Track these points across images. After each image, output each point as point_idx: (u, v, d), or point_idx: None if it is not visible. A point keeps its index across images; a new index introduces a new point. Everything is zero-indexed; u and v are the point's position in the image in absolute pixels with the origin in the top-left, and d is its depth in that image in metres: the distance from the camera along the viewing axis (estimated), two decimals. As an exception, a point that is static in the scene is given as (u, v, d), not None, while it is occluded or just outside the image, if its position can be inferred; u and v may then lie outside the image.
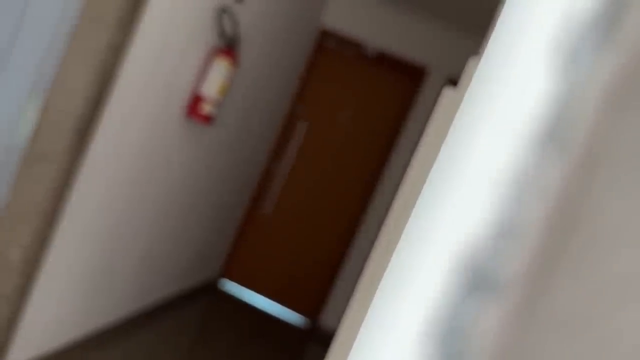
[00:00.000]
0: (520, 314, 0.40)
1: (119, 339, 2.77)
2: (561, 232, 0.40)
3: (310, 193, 4.44)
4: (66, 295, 2.23)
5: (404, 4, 3.86)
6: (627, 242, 0.37)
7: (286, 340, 3.91)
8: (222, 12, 2.49)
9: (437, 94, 4.12)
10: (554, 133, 0.41)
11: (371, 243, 4.26)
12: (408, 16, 4.12)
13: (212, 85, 2.49)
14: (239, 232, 4.47)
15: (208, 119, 2.55)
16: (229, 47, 2.58)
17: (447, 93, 0.72)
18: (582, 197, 0.39)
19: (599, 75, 0.39)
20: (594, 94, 0.39)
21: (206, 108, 2.51)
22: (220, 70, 2.48)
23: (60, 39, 1.75)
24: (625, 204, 0.38)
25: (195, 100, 2.52)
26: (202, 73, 2.55)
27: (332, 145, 4.41)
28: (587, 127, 0.40)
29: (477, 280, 0.41)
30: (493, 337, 0.40)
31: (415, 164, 0.71)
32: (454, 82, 4.12)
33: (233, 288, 4.43)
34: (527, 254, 0.40)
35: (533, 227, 0.41)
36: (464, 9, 3.46)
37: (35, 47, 1.68)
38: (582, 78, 0.40)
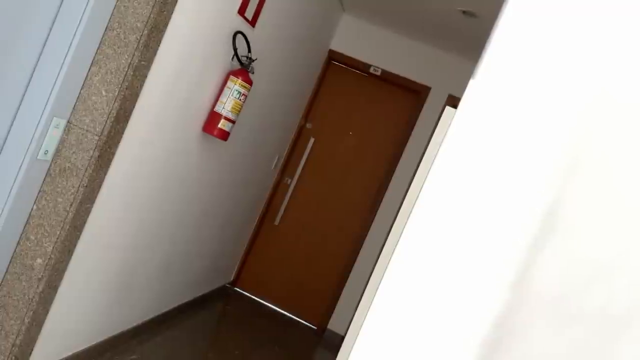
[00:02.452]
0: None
1: (136, 345, 2.86)
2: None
3: (318, 205, 4.53)
4: (86, 303, 2.33)
5: (406, 29, 3.97)
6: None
7: (296, 346, 3.98)
8: (237, 35, 2.61)
9: (440, 112, 4.21)
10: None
11: (377, 252, 4.32)
12: (411, 40, 4.23)
13: (228, 103, 2.60)
14: (250, 243, 4.57)
15: (224, 135, 2.66)
16: (242, 67, 2.69)
17: (449, 112, 0.81)
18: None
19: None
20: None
21: (222, 124, 2.62)
22: (234, 89, 2.60)
23: (84, 59, 1.86)
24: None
25: (212, 117, 2.64)
26: (218, 92, 2.67)
27: (339, 159, 4.51)
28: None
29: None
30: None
31: (417, 177, 0.78)
32: (455, 100, 4.21)
33: (245, 296, 4.51)
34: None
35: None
36: (464, 34, 3.56)
37: (60, 68, 1.80)
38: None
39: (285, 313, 4.51)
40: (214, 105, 2.65)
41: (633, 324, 0.41)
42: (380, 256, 0.66)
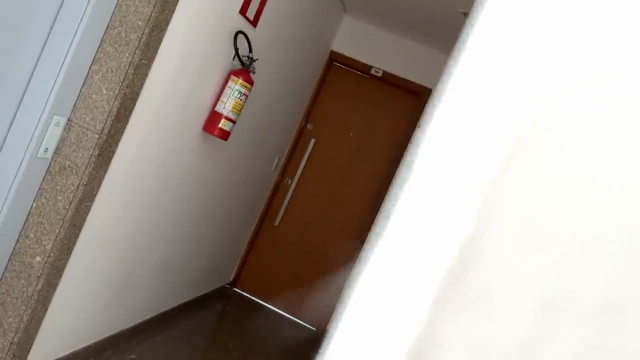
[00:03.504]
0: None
1: (135, 344, 2.86)
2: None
3: (318, 206, 4.53)
4: (85, 301, 2.33)
5: (407, 30, 3.97)
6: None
7: (295, 347, 3.98)
8: (238, 35, 2.61)
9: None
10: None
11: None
12: (412, 42, 4.23)
13: (228, 103, 2.60)
14: (250, 243, 4.57)
15: (225, 135, 2.66)
16: (244, 67, 2.69)
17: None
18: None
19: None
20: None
21: (223, 124, 2.62)
22: (235, 89, 2.60)
23: (85, 57, 1.87)
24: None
25: (213, 117, 2.64)
26: (219, 91, 2.67)
27: (340, 160, 4.51)
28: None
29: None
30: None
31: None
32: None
33: (245, 296, 4.51)
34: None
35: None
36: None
37: (61, 66, 1.80)
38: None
39: (285, 314, 4.51)
40: (214, 105, 2.65)
41: (604, 250, 0.42)
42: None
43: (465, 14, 3.33)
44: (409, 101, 4.40)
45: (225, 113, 2.61)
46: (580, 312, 0.42)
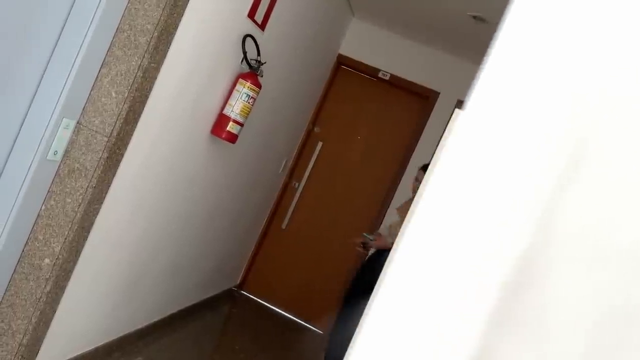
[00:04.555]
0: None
1: (142, 346, 2.86)
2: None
3: (325, 209, 4.52)
4: (93, 303, 2.33)
5: (415, 34, 3.96)
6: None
7: (303, 350, 3.97)
8: (246, 38, 2.62)
9: (448, 116, 4.19)
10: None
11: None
12: (420, 45, 4.22)
13: (236, 106, 2.61)
14: (258, 246, 4.57)
15: (233, 138, 2.67)
16: (252, 71, 2.69)
17: (458, 114, 0.80)
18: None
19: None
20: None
21: (230, 127, 2.62)
22: (243, 92, 2.60)
23: (95, 61, 1.87)
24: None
25: (221, 120, 2.64)
26: (227, 94, 2.67)
27: (347, 163, 4.51)
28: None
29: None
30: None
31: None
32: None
33: (252, 299, 4.51)
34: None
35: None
36: (474, 39, 3.55)
37: (70, 69, 1.81)
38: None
39: (292, 317, 4.50)
40: (222, 108, 2.66)
41: None
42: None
43: (475, 18, 3.32)
44: (416, 104, 4.39)
45: (233, 116, 2.61)
46: None
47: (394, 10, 3.87)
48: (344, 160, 4.52)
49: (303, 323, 4.48)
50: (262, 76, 2.76)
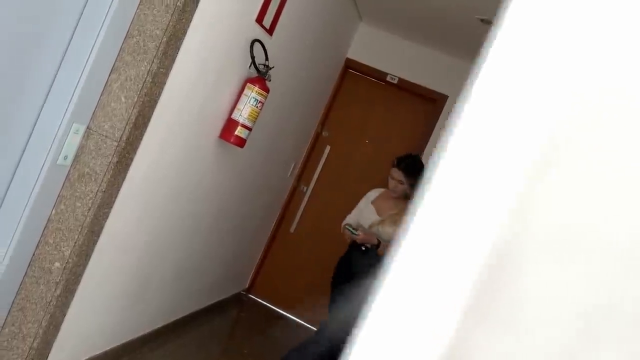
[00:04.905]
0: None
1: (150, 351, 2.87)
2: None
3: (334, 213, 4.52)
4: (102, 307, 2.34)
5: (423, 37, 3.96)
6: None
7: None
8: (254, 43, 2.63)
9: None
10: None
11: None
12: (428, 49, 4.22)
13: (244, 111, 2.61)
14: (266, 250, 4.57)
15: (241, 142, 2.67)
16: (260, 75, 2.70)
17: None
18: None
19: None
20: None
21: (239, 132, 2.63)
22: (251, 96, 2.61)
23: (104, 66, 1.89)
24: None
25: (229, 125, 2.65)
26: (235, 99, 2.68)
27: (355, 167, 4.50)
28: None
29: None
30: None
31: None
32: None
33: (260, 303, 4.51)
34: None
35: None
36: (482, 42, 3.53)
37: (80, 74, 1.82)
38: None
39: (300, 321, 4.50)
40: (231, 113, 2.67)
41: None
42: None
43: (483, 21, 3.31)
44: (424, 108, 4.39)
45: (241, 120, 2.62)
46: (623, 325, 0.40)
47: (401, 14, 3.87)
48: (352, 164, 4.51)
49: (312, 327, 4.47)
50: (270, 80, 2.76)
